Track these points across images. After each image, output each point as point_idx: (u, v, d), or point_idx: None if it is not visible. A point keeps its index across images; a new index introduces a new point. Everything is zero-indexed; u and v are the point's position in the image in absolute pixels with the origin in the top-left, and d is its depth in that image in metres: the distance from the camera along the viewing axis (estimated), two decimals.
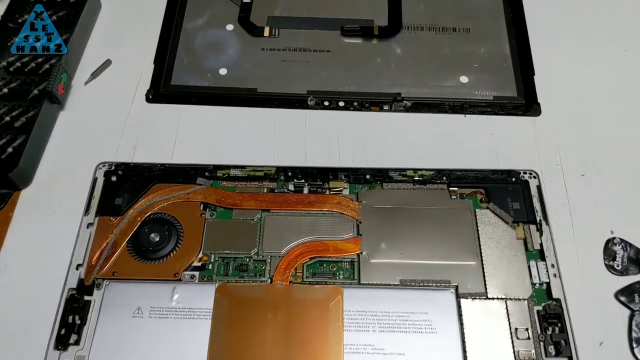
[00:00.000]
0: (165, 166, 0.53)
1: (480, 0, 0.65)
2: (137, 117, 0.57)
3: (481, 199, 0.52)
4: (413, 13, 0.64)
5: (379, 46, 0.62)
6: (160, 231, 0.49)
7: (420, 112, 0.58)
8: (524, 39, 0.63)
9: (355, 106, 0.58)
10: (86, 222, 0.50)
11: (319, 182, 0.53)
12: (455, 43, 0.62)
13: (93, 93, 0.59)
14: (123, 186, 0.52)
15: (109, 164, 0.53)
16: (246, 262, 0.48)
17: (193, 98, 0.58)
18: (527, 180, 0.53)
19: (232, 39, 0.63)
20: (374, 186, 0.53)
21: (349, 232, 0.50)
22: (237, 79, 0.60)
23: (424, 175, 0.53)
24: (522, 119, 0.58)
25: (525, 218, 0.51)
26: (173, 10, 0.64)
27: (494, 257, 0.48)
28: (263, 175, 0.53)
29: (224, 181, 0.53)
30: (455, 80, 0.60)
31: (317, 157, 0.55)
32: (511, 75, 0.60)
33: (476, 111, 0.58)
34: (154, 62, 0.61)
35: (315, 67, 0.61)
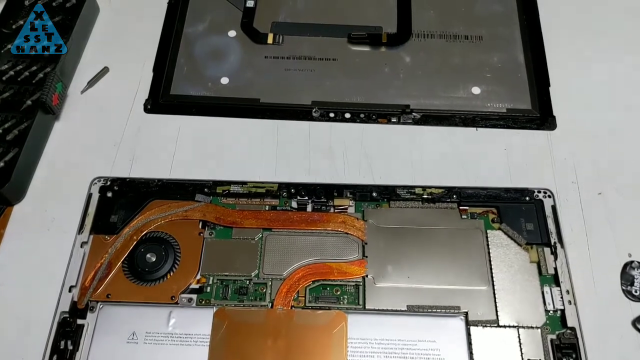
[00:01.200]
0: (162, 181, 0.51)
1: (494, 6, 0.62)
2: (135, 128, 0.55)
3: (493, 219, 0.50)
4: (423, 19, 0.62)
5: (387, 54, 0.60)
6: (157, 251, 0.47)
7: (429, 125, 0.56)
8: (540, 47, 0.60)
9: (362, 118, 0.56)
10: (80, 240, 0.48)
11: (323, 200, 0.50)
12: (467, 51, 0.60)
13: (89, 102, 0.57)
14: (119, 202, 0.50)
15: (105, 179, 0.51)
16: (246, 285, 0.46)
17: (193, 109, 0.56)
18: (542, 200, 0.50)
19: (234, 46, 0.60)
20: (381, 204, 0.50)
21: (354, 253, 0.48)
22: (239, 88, 0.57)
23: (433, 193, 0.51)
24: (536, 133, 0.55)
25: (539, 240, 0.48)
26: (173, 15, 0.62)
27: (505, 282, 0.46)
28: (265, 192, 0.50)
29: (223, 198, 0.51)
30: (467, 91, 0.58)
31: (321, 173, 0.53)
32: (525, 86, 0.58)
33: (488, 124, 0.56)
34: (153, 70, 0.58)
35: (320, 76, 0.58)
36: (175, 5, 0.63)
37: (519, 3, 0.63)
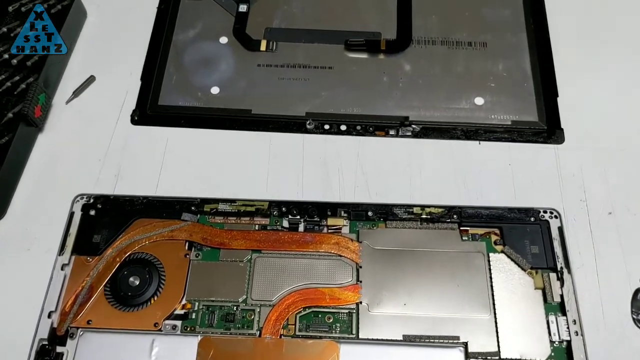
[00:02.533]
0: (148, 199, 0.49)
1: (500, 11, 0.59)
2: (121, 141, 0.53)
3: (495, 241, 0.47)
4: (424, 25, 0.58)
5: (386, 62, 0.57)
6: (141, 274, 0.45)
7: (429, 138, 0.53)
8: (547, 55, 0.57)
9: (358, 130, 0.53)
10: (60, 262, 0.46)
11: (316, 219, 0.48)
12: (471, 59, 0.57)
13: (75, 113, 0.54)
14: (102, 221, 0.48)
15: (88, 196, 0.49)
16: (233, 312, 0.44)
17: (182, 120, 0.54)
18: (548, 221, 0.48)
19: (226, 53, 0.57)
20: (377, 224, 0.48)
21: (347, 277, 0.45)
22: (230, 98, 0.55)
23: (432, 213, 0.48)
24: (543, 147, 0.52)
25: (544, 264, 0.46)
26: (163, 21, 0.59)
27: (508, 310, 0.43)
28: (255, 210, 0.48)
29: (211, 216, 0.48)
30: (470, 102, 0.55)
31: (314, 189, 0.50)
32: (532, 97, 0.55)
33: (492, 137, 0.53)
34: (141, 79, 0.56)
35: (315, 85, 0.55)
36: (164, 11, 0.60)
37: (526, 7, 0.59)
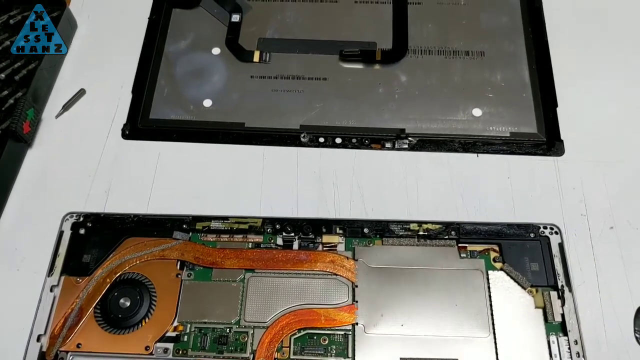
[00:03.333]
0: (139, 217, 0.48)
1: (497, 18, 0.58)
2: (111, 156, 0.52)
3: (494, 258, 0.46)
4: (420, 34, 0.57)
5: (381, 73, 0.56)
6: (131, 295, 0.44)
7: (426, 151, 0.52)
8: (546, 64, 0.55)
9: (353, 143, 0.52)
10: (50, 283, 0.45)
11: (311, 236, 0.47)
12: (468, 69, 0.55)
13: (64, 128, 0.53)
14: (92, 240, 0.47)
15: (77, 214, 0.48)
16: (226, 334, 0.43)
17: (174, 134, 0.53)
18: (548, 237, 0.47)
19: (218, 64, 0.56)
20: (373, 241, 0.47)
21: (343, 297, 0.44)
22: (223, 111, 0.54)
23: (429, 229, 0.47)
24: (542, 160, 0.51)
25: (545, 282, 0.45)
26: (154, 32, 0.58)
27: (508, 330, 0.42)
28: (248, 227, 0.47)
29: (203, 234, 0.47)
30: (467, 113, 0.53)
31: (309, 205, 0.49)
32: (531, 107, 0.53)
33: (490, 150, 0.52)
34: (132, 92, 0.55)
35: (309, 97, 0.54)
36: (156, 21, 0.59)
37: (524, 15, 0.58)
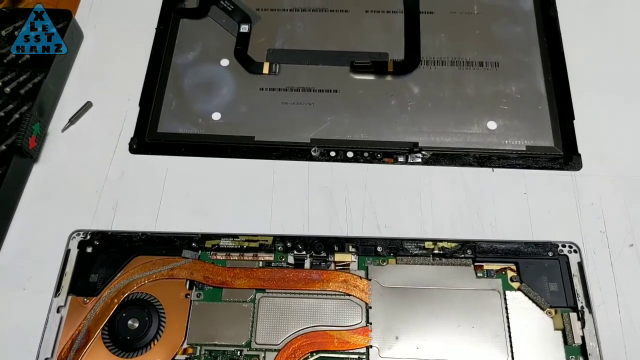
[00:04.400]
0: (147, 235, 0.47)
1: (512, 28, 0.57)
2: (119, 171, 0.51)
3: (512, 278, 0.45)
4: (433, 44, 0.56)
5: (393, 84, 0.54)
6: (140, 316, 0.43)
7: (440, 165, 0.51)
8: (562, 74, 0.54)
9: (365, 157, 0.51)
10: (56, 304, 0.44)
11: (323, 255, 0.46)
12: (482, 80, 0.54)
13: (71, 142, 0.52)
14: (99, 259, 0.46)
15: (84, 232, 0.47)
16: (237, 357, 0.42)
17: (182, 148, 0.52)
18: (567, 255, 0.45)
19: (227, 76, 0.55)
20: (387, 259, 0.46)
21: (356, 319, 0.43)
22: (232, 125, 0.53)
23: (445, 247, 0.46)
24: (559, 174, 0.50)
25: (564, 303, 0.43)
26: (162, 43, 0.57)
27: (527, 353, 0.41)
28: (258, 246, 0.46)
29: (213, 253, 0.46)
30: (482, 126, 0.52)
31: (321, 222, 0.48)
32: (547, 119, 0.52)
33: (506, 164, 0.50)
34: (140, 105, 0.54)
35: (320, 110, 0.53)
36: (163, 32, 0.58)
37: (539, 25, 0.57)
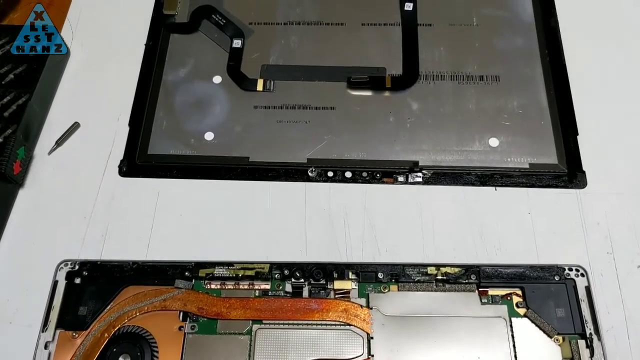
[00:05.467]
0: (138, 264, 0.45)
1: (512, 40, 0.55)
2: (108, 195, 0.49)
3: (517, 303, 0.43)
4: (432, 58, 0.54)
5: (392, 100, 0.53)
6: (131, 351, 0.41)
7: (441, 184, 0.49)
8: (565, 88, 0.53)
9: (364, 177, 0.49)
10: (44, 339, 0.42)
11: (322, 282, 0.44)
12: (483, 95, 0.53)
13: (58, 165, 0.50)
14: (88, 290, 0.44)
15: (72, 262, 0.45)
16: None
17: (174, 170, 0.50)
18: (574, 279, 0.44)
19: (220, 94, 0.53)
20: (388, 286, 0.44)
21: (357, 350, 0.41)
22: (226, 145, 0.51)
23: (448, 273, 0.44)
24: (564, 193, 0.49)
25: (572, 329, 0.42)
26: (151, 59, 0.55)
27: None
28: (254, 274, 0.44)
29: (207, 282, 0.44)
30: (483, 143, 0.51)
31: (319, 247, 0.46)
32: (550, 135, 0.51)
33: (509, 182, 0.49)
34: (129, 124, 0.52)
35: (317, 128, 0.51)
36: (153, 48, 0.56)
37: (540, 36, 0.55)
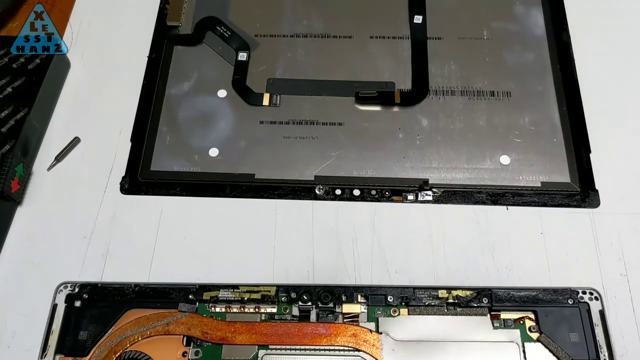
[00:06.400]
0: (140, 287, 0.43)
1: (523, 55, 0.54)
2: (109, 213, 0.47)
3: (530, 327, 0.42)
4: (442, 72, 0.53)
5: (401, 116, 0.52)
6: None
7: (452, 203, 0.48)
8: (577, 104, 0.52)
9: (373, 196, 0.48)
10: None
11: (330, 306, 0.43)
12: (494, 111, 0.52)
13: (57, 182, 0.49)
14: (89, 314, 0.42)
15: (72, 284, 0.43)
16: None
17: (177, 188, 0.48)
18: (587, 303, 0.43)
19: (225, 108, 0.52)
20: (398, 309, 0.43)
21: None
22: (231, 162, 0.50)
23: (459, 296, 0.43)
24: (576, 212, 0.47)
25: (585, 355, 0.41)
26: (154, 72, 0.54)
27: None
28: (260, 297, 0.43)
29: (211, 305, 0.43)
30: (495, 160, 0.49)
31: (327, 268, 0.45)
32: (562, 153, 0.50)
33: (520, 202, 0.48)
34: (132, 140, 0.51)
35: (324, 145, 0.50)
36: (156, 60, 0.54)
37: (552, 51, 0.54)
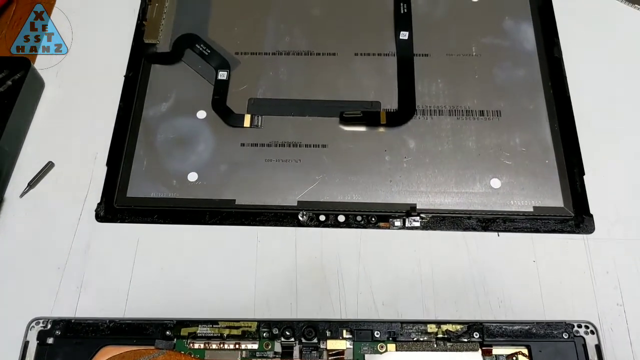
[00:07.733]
0: (115, 322, 0.41)
1: (514, 71, 0.52)
2: (84, 243, 0.45)
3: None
4: (429, 91, 0.51)
5: (387, 137, 0.50)
6: None
7: (441, 229, 0.46)
8: (570, 123, 0.50)
9: (358, 222, 0.46)
10: None
11: (314, 342, 0.41)
12: (483, 131, 0.50)
13: (30, 210, 0.47)
14: (62, 351, 0.40)
15: (45, 320, 0.41)
16: None
17: (155, 215, 0.47)
18: (583, 337, 0.41)
19: (204, 130, 0.50)
20: (385, 345, 0.41)
21: None
22: (211, 187, 0.48)
23: (449, 330, 0.41)
24: (570, 238, 0.46)
25: None
26: (131, 92, 0.52)
27: None
28: (241, 333, 0.41)
29: (190, 341, 0.41)
30: (485, 184, 0.48)
31: (311, 300, 0.43)
32: (555, 176, 0.48)
33: (512, 227, 0.46)
34: (107, 164, 0.49)
35: (308, 168, 0.48)
36: (133, 79, 0.52)
37: (543, 67, 0.52)
